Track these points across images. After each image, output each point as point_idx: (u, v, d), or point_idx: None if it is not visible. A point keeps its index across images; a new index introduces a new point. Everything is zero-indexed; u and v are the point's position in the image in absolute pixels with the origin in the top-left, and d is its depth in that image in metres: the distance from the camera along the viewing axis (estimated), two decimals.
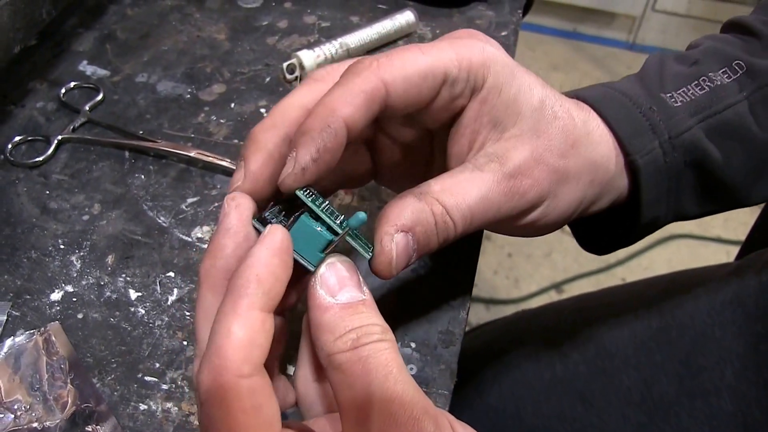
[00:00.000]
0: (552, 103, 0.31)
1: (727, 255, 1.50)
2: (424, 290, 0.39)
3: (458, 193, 0.29)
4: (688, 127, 0.33)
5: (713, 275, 0.49)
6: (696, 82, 0.34)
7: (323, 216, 0.26)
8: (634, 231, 0.36)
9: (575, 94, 0.34)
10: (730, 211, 0.38)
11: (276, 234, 0.25)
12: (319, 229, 0.26)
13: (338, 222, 0.27)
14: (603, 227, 0.38)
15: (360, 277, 0.26)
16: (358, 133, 0.27)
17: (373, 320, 0.25)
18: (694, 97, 0.34)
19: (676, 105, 0.34)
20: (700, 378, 0.44)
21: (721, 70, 0.35)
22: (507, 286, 1.44)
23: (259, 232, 0.27)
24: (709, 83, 0.34)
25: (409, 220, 0.28)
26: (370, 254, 0.28)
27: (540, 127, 0.30)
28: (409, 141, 0.34)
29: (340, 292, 0.25)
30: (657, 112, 0.33)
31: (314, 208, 0.26)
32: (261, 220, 0.27)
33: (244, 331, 0.23)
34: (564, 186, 0.31)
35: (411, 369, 0.35)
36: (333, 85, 0.28)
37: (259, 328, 0.23)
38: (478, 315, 1.38)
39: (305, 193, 0.26)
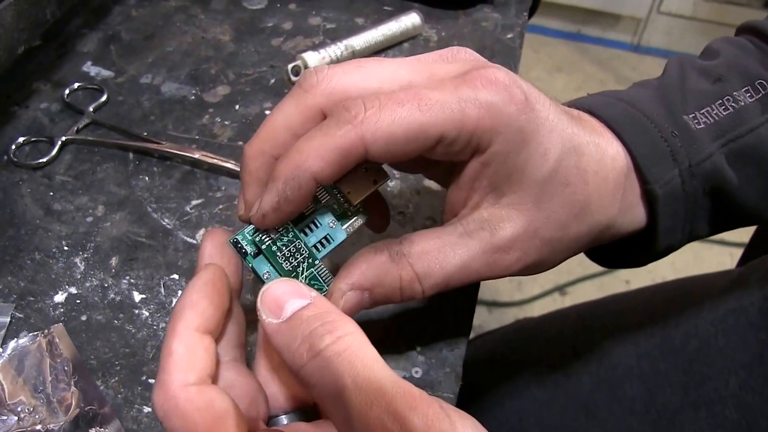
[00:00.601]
0: (567, 165, 0.29)
1: (731, 257, 1.50)
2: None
3: (437, 260, 0.29)
4: (709, 153, 0.32)
5: (716, 283, 0.49)
6: (720, 101, 0.33)
7: (274, 264, 0.29)
8: (647, 257, 0.35)
9: (600, 115, 0.33)
10: None
11: (208, 268, 0.27)
12: (265, 275, 0.29)
13: (291, 267, 0.29)
14: (614, 252, 0.36)
15: (299, 284, 0.27)
16: (329, 181, 0.27)
17: (319, 320, 0.24)
18: (718, 118, 0.33)
19: (699, 127, 0.32)
20: (704, 387, 0.44)
21: (744, 89, 0.33)
22: (510, 289, 1.44)
23: (235, 248, 0.29)
24: (733, 104, 0.33)
25: (369, 281, 0.29)
26: (325, 290, 0.30)
27: (544, 199, 0.29)
28: None
29: (284, 310, 0.25)
30: (679, 137, 0.32)
31: (268, 256, 0.28)
32: (235, 243, 0.29)
33: (183, 348, 0.25)
34: (557, 252, 0.31)
35: (416, 372, 0.35)
36: (313, 130, 0.27)
37: (197, 344, 0.25)
38: (481, 318, 1.38)
39: (261, 238, 0.28)
